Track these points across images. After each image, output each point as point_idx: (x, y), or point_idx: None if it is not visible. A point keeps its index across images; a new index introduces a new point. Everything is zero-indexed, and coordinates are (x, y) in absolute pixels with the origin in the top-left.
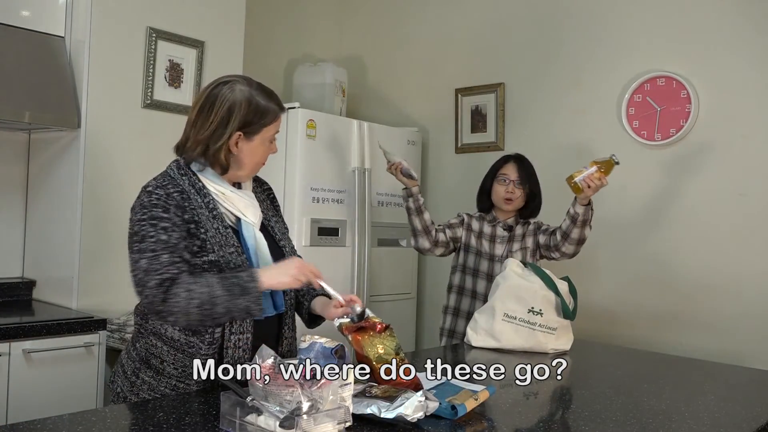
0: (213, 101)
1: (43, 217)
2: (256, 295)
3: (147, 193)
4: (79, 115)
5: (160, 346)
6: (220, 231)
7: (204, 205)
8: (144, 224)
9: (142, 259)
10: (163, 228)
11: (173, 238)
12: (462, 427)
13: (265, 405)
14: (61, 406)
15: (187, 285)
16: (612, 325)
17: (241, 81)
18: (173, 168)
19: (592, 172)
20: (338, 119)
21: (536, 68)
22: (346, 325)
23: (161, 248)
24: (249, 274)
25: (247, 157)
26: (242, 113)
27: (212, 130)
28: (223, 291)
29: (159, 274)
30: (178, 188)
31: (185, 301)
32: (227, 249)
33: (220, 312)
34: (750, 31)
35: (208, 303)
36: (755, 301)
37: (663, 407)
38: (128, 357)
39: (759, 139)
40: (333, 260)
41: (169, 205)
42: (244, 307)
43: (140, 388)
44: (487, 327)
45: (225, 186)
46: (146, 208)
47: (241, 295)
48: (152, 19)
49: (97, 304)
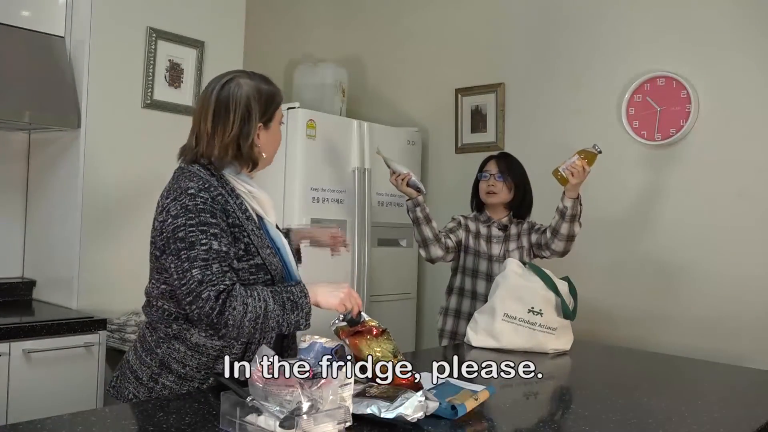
0: (226, 103)
1: (43, 217)
2: (307, 310)
3: (190, 196)
4: (79, 115)
5: (183, 350)
6: (255, 233)
7: (237, 206)
8: (193, 230)
9: (194, 269)
10: (213, 234)
11: (223, 245)
12: (462, 427)
13: (265, 405)
14: (61, 406)
15: (243, 298)
16: (612, 325)
17: (240, 75)
18: (200, 170)
19: (574, 160)
20: (338, 119)
21: (536, 68)
22: (343, 329)
23: (213, 257)
24: (300, 290)
25: (270, 144)
26: (259, 104)
27: (238, 128)
28: (277, 306)
29: (214, 286)
30: (216, 191)
31: (241, 314)
32: (265, 251)
33: (272, 326)
34: (750, 31)
35: (263, 317)
36: (755, 301)
37: (663, 407)
38: (141, 363)
39: (759, 139)
40: (333, 260)
41: (216, 209)
42: (294, 321)
43: (160, 393)
44: (487, 327)
45: (253, 185)
46: (192, 212)
47: (293, 311)
48: (152, 19)
49: (97, 304)
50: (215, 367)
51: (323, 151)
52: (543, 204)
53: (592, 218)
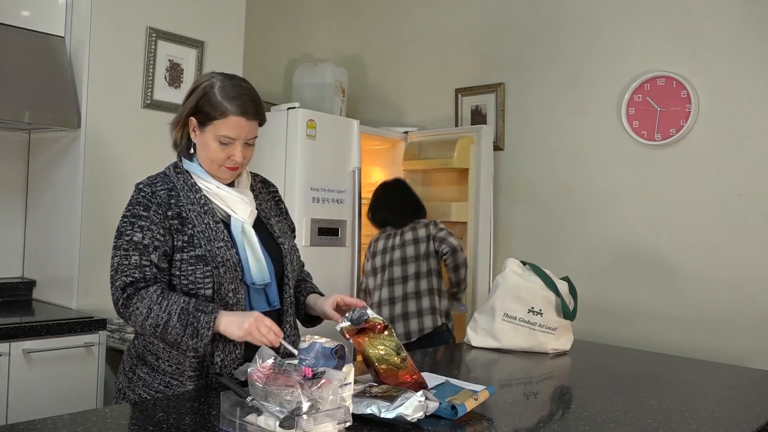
0: (191, 85)
1: (43, 217)
2: (206, 341)
3: (137, 190)
4: (79, 115)
5: (156, 343)
6: (210, 226)
7: (196, 201)
8: (125, 221)
9: (116, 257)
10: (139, 227)
11: (146, 237)
12: (462, 427)
13: (265, 405)
14: (61, 406)
15: (149, 302)
16: (612, 325)
17: (221, 76)
18: (170, 167)
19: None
20: (338, 119)
21: (536, 68)
22: (347, 329)
23: (132, 248)
24: (207, 321)
25: (200, 148)
26: (196, 98)
27: (181, 109)
28: (179, 325)
29: (125, 276)
30: (168, 185)
31: (143, 316)
32: (216, 243)
33: (170, 340)
34: (750, 31)
35: (162, 328)
36: (755, 301)
37: (663, 407)
38: (128, 354)
39: (759, 139)
40: (333, 260)
41: (152, 203)
42: (191, 346)
43: (136, 384)
44: (487, 327)
45: (212, 182)
46: (131, 204)
47: (192, 337)
48: (152, 19)
49: (97, 304)
50: (185, 363)
51: (323, 151)
52: (547, 203)
53: (592, 218)
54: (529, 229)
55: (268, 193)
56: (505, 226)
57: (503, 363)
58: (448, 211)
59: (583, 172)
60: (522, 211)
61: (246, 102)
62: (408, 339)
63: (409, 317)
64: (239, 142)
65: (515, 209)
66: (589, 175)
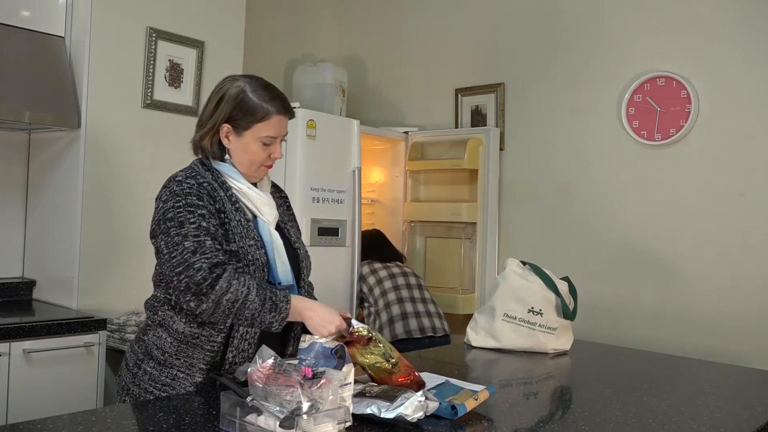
0: (213, 93)
1: (43, 217)
2: (284, 315)
3: (177, 182)
4: (79, 115)
5: (165, 337)
6: (242, 223)
7: (227, 197)
8: (181, 210)
9: (187, 242)
10: (201, 215)
11: (212, 225)
12: (462, 427)
13: (265, 405)
14: (61, 406)
15: (229, 278)
16: (612, 325)
17: (244, 78)
18: (197, 164)
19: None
20: (338, 119)
21: (536, 68)
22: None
23: (204, 234)
24: (284, 295)
25: (237, 152)
26: (229, 106)
27: (207, 118)
28: (257, 299)
29: (208, 258)
30: (205, 179)
31: (222, 291)
32: (247, 241)
33: (246, 316)
34: (750, 30)
35: (241, 304)
36: (755, 301)
37: (663, 407)
38: (132, 350)
39: (759, 139)
40: (333, 260)
41: (202, 193)
42: (268, 321)
43: (141, 378)
44: (487, 327)
45: (244, 183)
46: (179, 196)
47: (270, 311)
48: (152, 19)
49: (97, 304)
50: (194, 356)
51: (323, 151)
52: (541, 210)
53: (592, 218)
54: (528, 229)
55: (280, 198)
56: (506, 225)
57: (503, 363)
58: (459, 212)
59: (583, 172)
60: (522, 211)
61: (283, 100)
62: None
63: (421, 316)
64: (279, 140)
65: (515, 209)
66: (589, 176)
